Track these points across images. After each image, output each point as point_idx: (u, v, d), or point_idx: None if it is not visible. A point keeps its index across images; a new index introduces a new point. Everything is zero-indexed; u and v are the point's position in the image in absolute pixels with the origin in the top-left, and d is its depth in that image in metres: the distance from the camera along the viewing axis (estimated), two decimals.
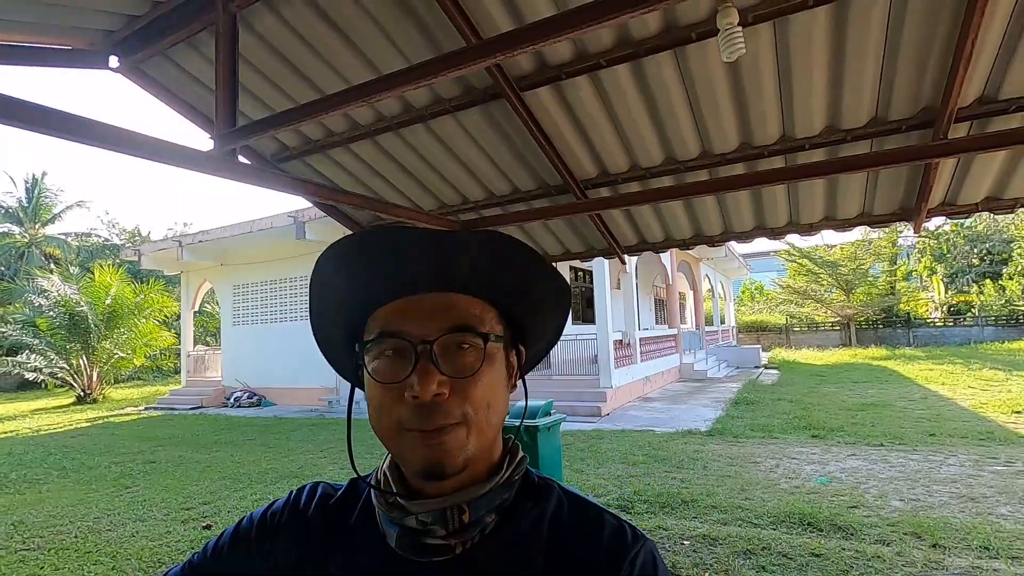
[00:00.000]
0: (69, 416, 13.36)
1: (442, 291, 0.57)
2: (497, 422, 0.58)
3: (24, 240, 28.96)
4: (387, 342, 0.56)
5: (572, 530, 0.58)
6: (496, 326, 0.59)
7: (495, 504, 0.58)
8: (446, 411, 0.53)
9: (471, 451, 0.55)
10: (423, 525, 0.56)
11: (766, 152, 3.10)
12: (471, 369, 0.54)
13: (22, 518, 5.09)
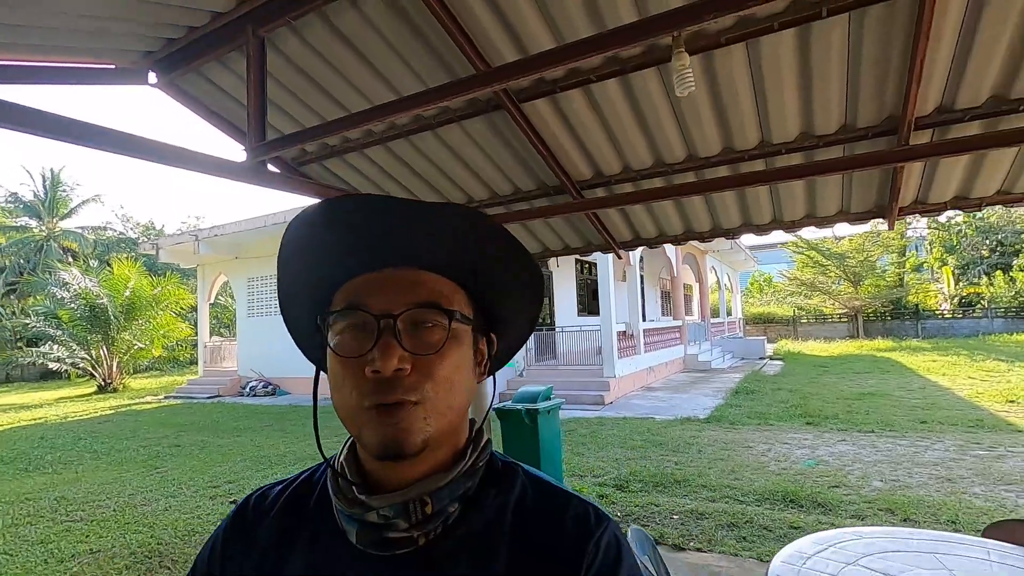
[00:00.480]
0: (92, 404, 13.88)
1: (411, 267, 0.56)
2: (459, 405, 0.56)
3: (42, 234, 29.63)
4: (350, 315, 0.54)
5: (536, 516, 0.57)
6: (466, 307, 0.58)
7: (458, 493, 0.56)
8: (407, 386, 0.52)
9: (430, 432, 0.53)
10: (384, 519, 0.54)
11: (747, 156, 3.37)
12: (435, 346, 0.53)
13: (63, 494, 5.51)
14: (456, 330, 0.55)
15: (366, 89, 3.09)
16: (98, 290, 17.16)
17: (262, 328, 15.16)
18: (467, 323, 0.57)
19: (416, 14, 2.65)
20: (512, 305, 0.63)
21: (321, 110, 3.28)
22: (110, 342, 17.33)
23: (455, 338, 0.55)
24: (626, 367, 11.35)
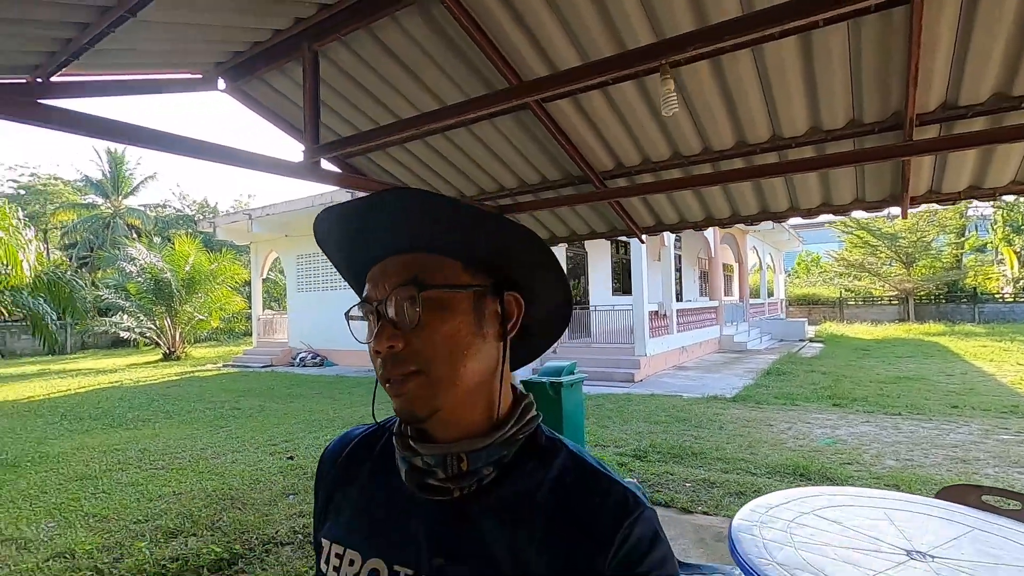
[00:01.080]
0: (160, 370, 15.11)
1: (401, 253, 0.60)
2: (472, 369, 0.59)
3: (109, 211, 31.64)
4: (363, 307, 0.61)
5: (574, 492, 0.59)
6: (460, 276, 0.59)
7: (494, 458, 0.60)
8: (405, 360, 0.57)
9: (440, 400, 0.57)
10: (427, 466, 0.60)
11: (759, 149, 3.57)
12: (414, 320, 0.56)
13: (145, 447, 6.28)
14: (438, 300, 0.57)
15: (410, 95, 3.45)
16: (162, 265, 18.43)
17: (310, 303, 16.04)
18: (457, 290, 0.58)
19: (452, 31, 2.98)
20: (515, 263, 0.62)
21: (370, 113, 3.67)
22: (173, 313, 18.66)
23: (440, 308, 0.57)
24: (657, 346, 11.56)
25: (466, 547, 0.58)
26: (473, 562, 0.57)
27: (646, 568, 0.55)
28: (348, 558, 0.62)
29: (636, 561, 0.55)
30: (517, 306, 0.63)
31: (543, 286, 0.65)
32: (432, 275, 0.58)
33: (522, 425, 0.63)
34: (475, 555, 0.57)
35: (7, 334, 22.92)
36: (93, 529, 3.92)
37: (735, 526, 1.93)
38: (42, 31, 2.43)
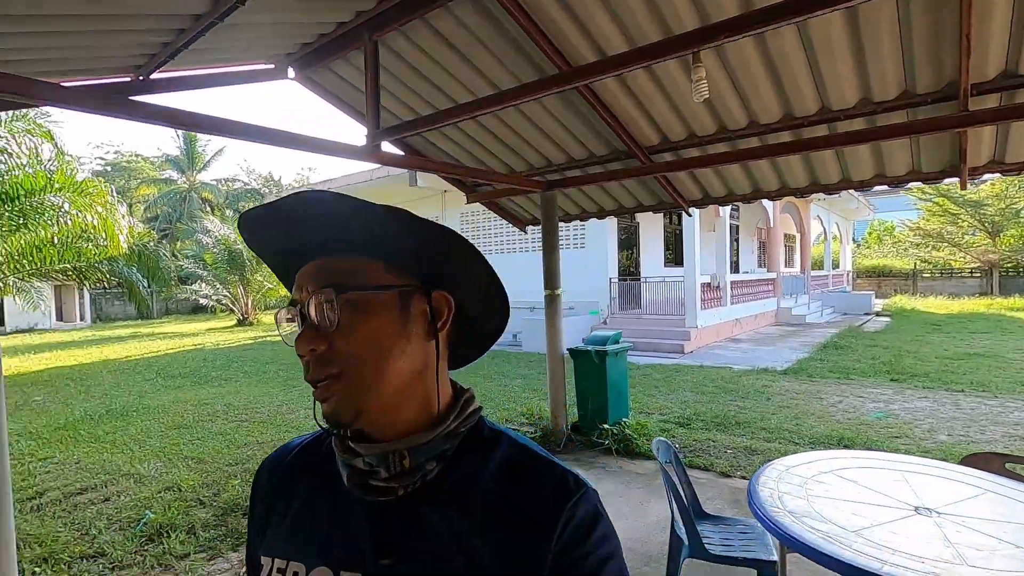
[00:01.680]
0: (235, 335, 16.35)
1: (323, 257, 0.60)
2: (398, 369, 0.59)
3: (184, 186, 33.76)
4: (289, 310, 0.61)
5: (515, 478, 0.60)
6: (380, 277, 0.59)
7: (436, 452, 0.60)
8: (327, 362, 0.56)
9: (364, 402, 0.57)
10: (369, 467, 0.60)
11: (806, 122, 3.56)
12: (333, 322, 0.56)
13: (229, 402, 7.01)
14: (359, 301, 0.57)
15: (464, 79, 3.66)
16: (234, 236, 19.67)
17: None
18: (380, 291, 0.58)
19: (503, 18, 3.15)
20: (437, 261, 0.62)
21: (427, 97, 3.91)
22: (245, 282, 19.99)
23: (361, 310, 0.57)
24: (709, 318, 11.47)
25: (413, 544, 0.58)
26: (421, 559, 0.57)
27: (590, 547, 0.56)
28: (292, 570, 0.61)
29: (580, 540, 0.56)
30: (447, 304, 0.63)
31: (470, 280, 0.64)
32: (351, 277, 0.58)
33: (463, 419, 0.63)
34: (423, 551, 0.57)
35: (103, 300, 25.21)
36: (193, 469, 4.53)
37: (754, 480, 2.12)
38: (147, 37, 2.80)
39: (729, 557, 2.20)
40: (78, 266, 11.07)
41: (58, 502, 3.92)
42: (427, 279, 0.62)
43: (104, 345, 14.26)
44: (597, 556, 0.56)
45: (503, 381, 7.93)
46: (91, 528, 3.46)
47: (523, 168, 4.98)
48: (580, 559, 0.56)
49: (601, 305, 12.27)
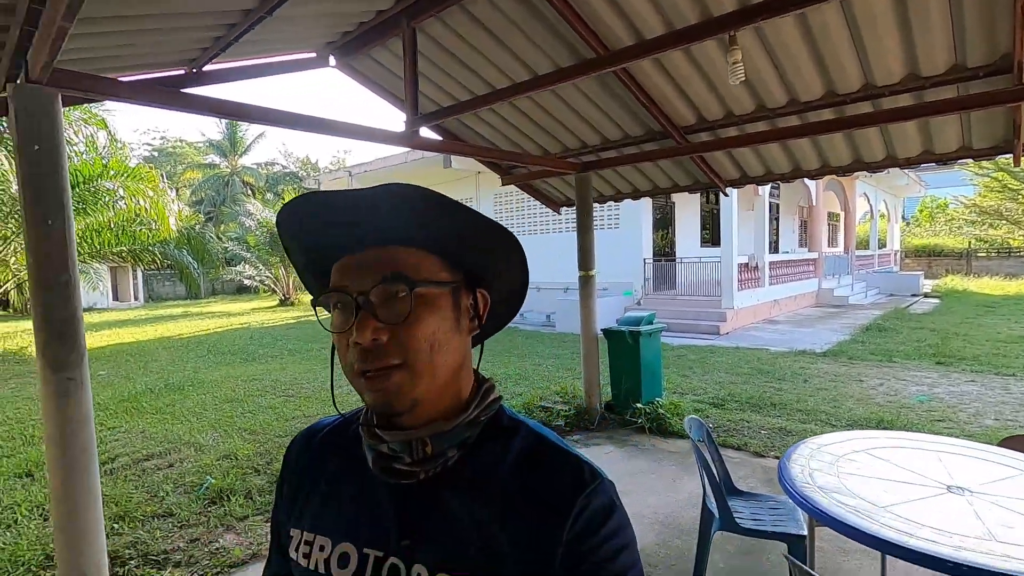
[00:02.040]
0: (279, 314, 16.97)
1: (382, 245, 0.60)
2: (446, 363, 0.61)
3: (227, 170, 34.77)
4: (334, 296, 0.61)
5: (532, 467, 0.61)
6: (439, 272, 0.61)
7: (457, 440, 0.62)
8: (388, 353, 0.57)
9: (418, 393, 0.59)
10: (393, 452, 0.62)
11: (849, 99, 3.47)
12: (403, 314, 0.57)
13: (276, 378, 7.37)
14: (424, 296, 0.59)
15: (500, 64, 3.71)
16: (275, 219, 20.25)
17: None
18: (440, 287, 0.61)
19: (539, 2, 3.17)
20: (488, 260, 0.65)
21: (464, 82, 3.98)
22: (286, 264, 20.60)
23: (425, 304, 0.59)
24: (746, 299, 11.30)
25: (433, 527, 0.60)
26: (440, 541, 0.59)
27: (603, 537, 0.57)
28: (318, 544, 0.64)
29: (594, 530, 0.57)
30: (484, 301, 0.66)
31: (507, 275, 0.68)
32: (417, 270, 0.60)
33: (483, 408, 0.65)
34: (442, 534, 0.59)
35: (155, 280, 26.44)
36: (246, 439, 4.83)
37: (785, 457, 2.17)
38: (201, 32, 2.95)
39: (759, 531, 2.27)
40: (133, 249, 11.67)
41: (128, 467, 4.26)
42: (471, 276, 0.65)
43: (158, 324, 15.05)
44: (610, 546, 0.57)
45: (537, 360, 8.05)
46: (159, 491, 3.76)
47: (558, 150, 5.00)
48: (593, 549, 0.56)
49: (635, 286, 12.21)
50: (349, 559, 0.62)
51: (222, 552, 2.98)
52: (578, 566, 0.56)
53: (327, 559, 0.63)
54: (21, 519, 3.40)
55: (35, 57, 2.06)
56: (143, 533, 3.17)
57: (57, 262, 2.17)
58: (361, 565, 0.61)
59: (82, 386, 2.24)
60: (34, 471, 4.19)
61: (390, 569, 0.60)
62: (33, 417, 5.74)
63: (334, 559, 0.63)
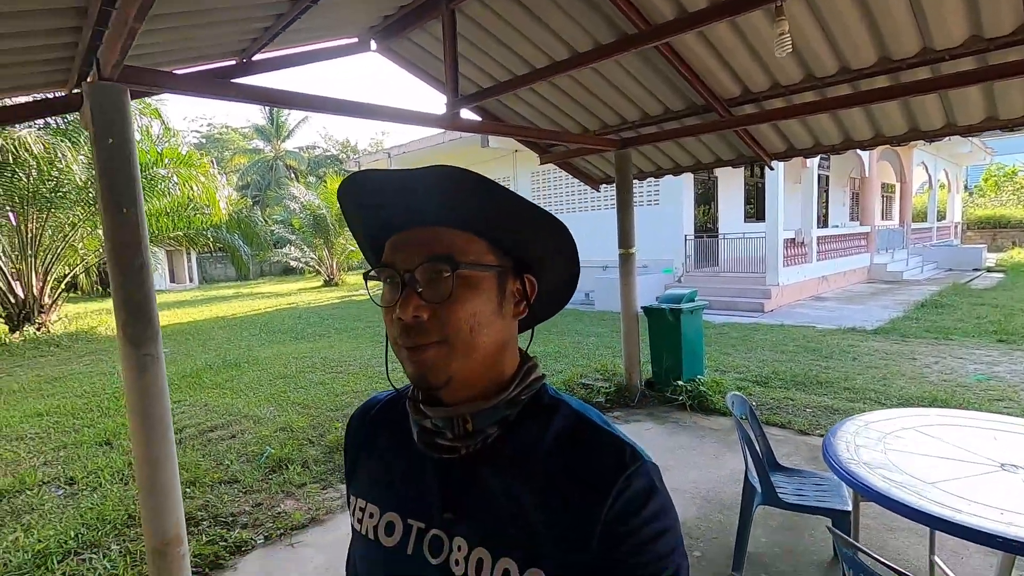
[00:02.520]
0: (323, 295, 17.52)
1: (430, 225, 0.62)
2: (486, 343, 0.62)
3: (271, 155, 35.72)
4: (384, 271, 0.63)
5: (572, 446, 0.62)
6: (485, 256, 0.63)
7: (497, 418, 0.63)
8: (426, 331, 0.59)
9: (454, 369, 0.61)
10: (436, 427, 0.64)
11: (905, 65, 3.31)
12: (444, 294, 0.59)
13: (324, 355, 7.68)
14: (468, 277, 0.60)
15: (539, 42, 3.70)
16: (318, 202, 20.80)
17: None
18: (485, 269, 0.62)
19: None
20: (537, 248, 0.66)
21: (503, 61, 3.99)
22: (330, 245, 21.18)
23: (468, 285, 0.60)
24: (792, 275, 10.98)
25: (473, 503, 0.62)
26: (480, 517, 0.61)
27: (643, 520, 0.56)
28: (369, 511, 0.69)
29: (633, 512, 0.56)
30: (532, 287, 0.67)
31: (557, 266, 0.69)
32: (463, 252, 0.61)
33: (525, 386, 0.66)
34: (481, 510, 0.61)
35: (207, 263, 27.64)
36: (300, 413, 5.09)
37: (831, 432, 2.17)
38: (251, 24, 3.06)
39: (802, 506, 2.28)
40: (188, 233, 12.23)
41: (195, 437, 4.57)
42: (520, 262, 0.66)
43: (213, 304, 15.80)
44: (650, 529, 0.56)
45: (577, 338, 8.10)
46: (224, 459, 4.03)
47: (597, 126, 4.96)
48: (632, 531, 0.56)
49: (675, 263, 12.03)
50: (395, 528, 0.66)
51: (284, 516, 3.20)
52: (616, 547, 0.56)
53: (375, 526, 0.67)
54: (104, 483, 3.72)
55: (106, 55, 2.21)
56: (212, 497, 3.43)
57: (132, 247, 2.34)
58: (405, 534, 0.65)
59: (157, 361, 2.43)
60: (112, 440, 4.56)
61: (432, 540, 0.63)
62: (107, 391, 6.20)
63: (381, 527, 0.67)
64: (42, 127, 8.94)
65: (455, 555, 0.61)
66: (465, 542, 0.61)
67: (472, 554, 0.60)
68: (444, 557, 0.61)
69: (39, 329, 10.01)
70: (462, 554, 0.60)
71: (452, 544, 0.61)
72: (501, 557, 0.58)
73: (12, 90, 3.23)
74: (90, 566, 2.73)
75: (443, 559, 0.61)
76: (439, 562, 0.61)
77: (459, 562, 0.60)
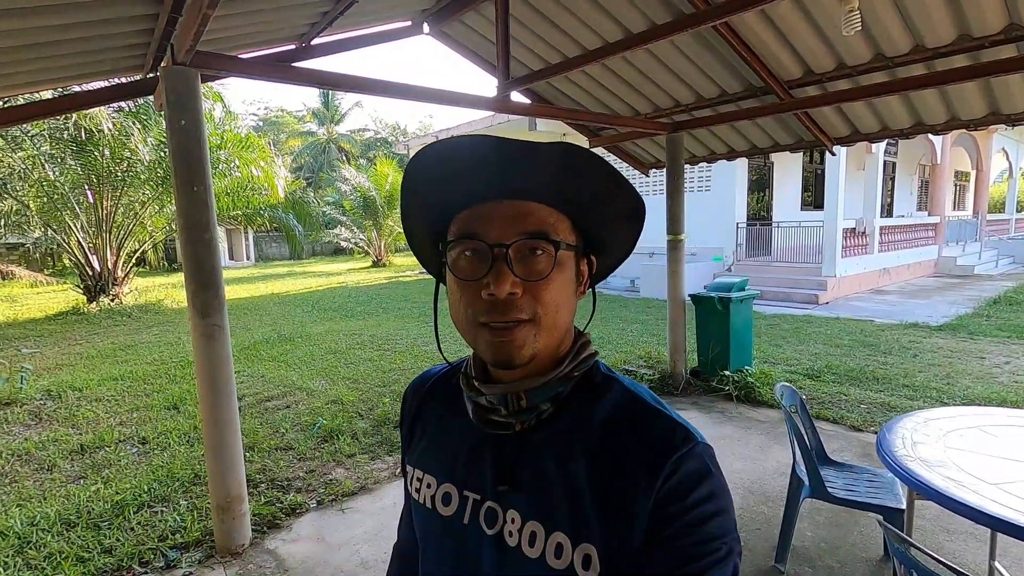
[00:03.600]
0: (372, 275, 17.98)
1: (520, 199, 0.60)
2: (564, 323, 0.63)
3: (323, 137, 36.63)
4: (467, 243, 0.60)
5: (623, 425, 0.61)
6: (569, 235, 0.62)
7: (550, 395, 0.64)
8: (519, 308, 0.59)
9: (538, 346, 0.60)
10: (490, 404, 0.65)
11: (987, 43, 3.09)
12: (543, 273, 0.58)
13: (373, 333, 7.92)
14: (561, 257, 0.60)
15: (593, 23, 3.65)
16: (368, 184, 21.25)
17: None
18: (571, 250, 0.62)
19: None
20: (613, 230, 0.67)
21: (555, 43, 3.96)
22: (379, 227, 21.66)
23: (560, 264, 0.60)
24: (850, 267, 10.49)
25: (526, 476, 0.62)
26: (532, 490, 0.61)
27: (694, 501, 0.55)
28: (427, 482, 0.71)
29: (684, 493, 0.55)
30: (593, 267, 0.69)
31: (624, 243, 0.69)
32: (556, 231, 0.60)
33: (578, 363, 0.65)
34: (534, 484, 0.62)
35: (263, 242, 28.79)
36: (350, 387, 5.30)
37: (886, 427, 2.10)
38: (311, 9, 3.15)
39: (851, 501, 2.22)
40: (246, 212, 12.78)
41: (253, 406, 4.84)
42: (588, 241, 0.66)
43: (268, 281, 16.50)
44: (702, 511, 0.55)
45: (621, 325, 8.04)
46: (279, 427, 4.26)
47: (648, 109, 4.86)
48: (682, 511, 0.54)
49: (726, 251, 11.69)
50: (451, 499, 0.67)
51: (335, 483, 3.36)
52: (666, 527, 0.55)
53: (433, 496, 0.69)
54: (173, 444, 4.00)
55: (180, 41, 2.33)
56: (269, 462, 3.64)
57: (201, 223, 2.49)
58: (461, 505, 0.66)
59: (223, 330, 2.59)
60: (179, 405, 4.88)
61: (487, 511, 0.64)
62: (174, 359, 6.62)
63: (439, 497, 0.68)
64: (116, 110, 9.48)
65: (509, 526, 0.62)
66: (518, 515, 0.62)
67: (525, 527, 0.61)
68: (499, 528, 0.63)
69: (113, 300, 10.73)
70: (515, 526, 0.61)
71: (506, 516, 0.62)
72: (553, 532, 0.59)
73: (93, 75, 3.45)
74: (161, 518, 2.97)
75: (498, 530, 0.63)
76: (494, 532, 0.63)
77: (512, 533, 0.62)
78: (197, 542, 2.76)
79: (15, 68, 2.83)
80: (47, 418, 4.67)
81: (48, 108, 2.97)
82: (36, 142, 9.37)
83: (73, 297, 11.20)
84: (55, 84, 3.37)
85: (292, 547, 2.75)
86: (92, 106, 6.93)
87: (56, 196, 9.77)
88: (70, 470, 3.64)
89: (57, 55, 2.78)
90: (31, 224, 11.18)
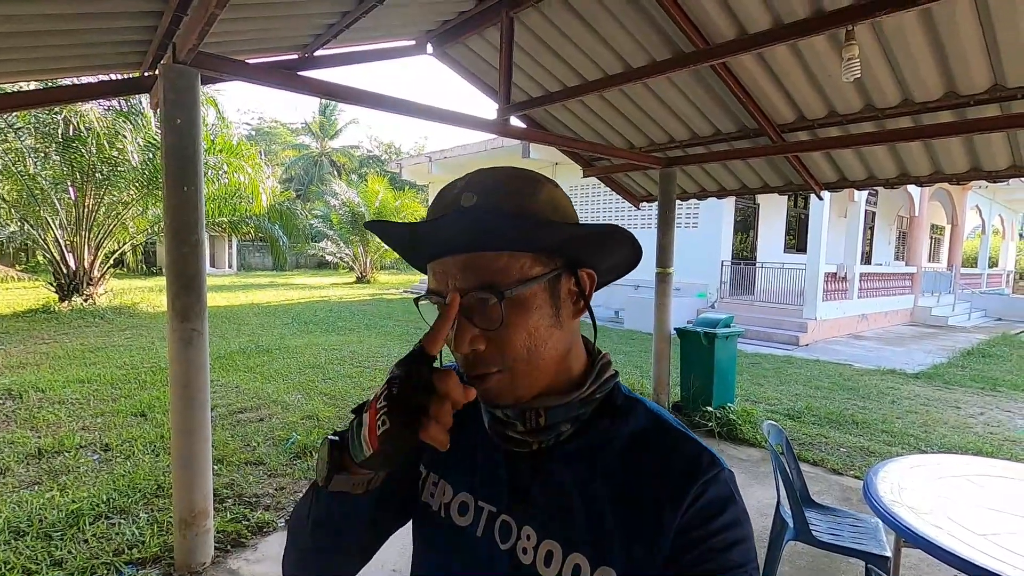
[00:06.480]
0: (355, 290, 17.81)
1: (466, 252, 0.58)
2: (549, 357, 0.60)
3: (316, 151, 36.67)
4: (432, 298, 0.60)
5: (650, 450, 0.60)
6: (532, 269, 0.58)
7: (571, 415, 0.62)
8: (486, 362, 0.58)
9: (520, 392, 0.59)
10: (507, 418, 0.63)
11: (973, 101, 3.21)
12: (496, 323, 0.56)
13: (354, 350, 7.78)
14: (516, 299, 0.57)
15: (594, 55, 3.72)
16: (357, 200, 21.22)
17: None
18: (533, 283, 0.58)
19: None
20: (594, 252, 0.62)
21: (556, 72, 4.02)
22: (365, 243, 21.55)
23: (518, 306, 0.57)
24: (831, 311, 10.66)
25: (543, 495, 0.61)
26: (549, 509, 0.60)
27: (716, 528, 0.54)
28: (442, 488, 0.69)
29: (706, 520, 0.55)
30: (590, 280, 0.64)
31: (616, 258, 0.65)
32: (505, 275, 0.57)
33: (599, 384, 0.64)
34: (551, 503, 0.60)
35: (246, 251, 28.44)
36: (327, 403, 5.17)
37: (872, 471, 2.09)
38: (317, 20, 3.16)
39: (836, 546, 2.19)
40: (232, 220, 12.62)
41: (225, 417, 4.68)
42: (572, 260, 0.62)
43: (249, 291, 16.22)
44: (723, 539, 0.54)
45: None
46: (251, 441, 4.11)
47: (643, 143, 4.94)
48: (702, 540, 0.54)
49: (710, 288, 11.83)
50: (468, 509, 0.66)
51: None
52: (687, 553, 0.54)
53: (448, 504, 0.68)
54: (137, 452, 3.83)
55: (183, 39, 2.30)
56: (238, 476, 3.50)
57: (189, 224, 2.43)
58: (477, 516, 0.65)
59: (202, 336, 2.51)
60: (147, 412, 4.70)
61: (502, 524, 0.63)
62: (145, 365, 6.41)
63: (455, 506, 0.67)
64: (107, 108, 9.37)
65: (523, 543, 0.61)
66: (534, 532, 0.60)
67: (541, 545, 0.60)
68: (512, 543, 0.61)
69: (86, 300, 10.43)
70: (531, 543, 0.60)
71: (520, 532, 0.61)
72: (572, 552, 0.58)
73: (89, 69, 3.40)
74: (119, 530, 2.81)
75: (511, 545, 0.61)
76: (507, 547, 0.62)
77: (527, 551, 0.60)
78: (155, 558, 2.61)
79: (9, 55, 2.77)
80: (5, 418, 4.46)
81: (42, 98, 2.91)
82: (20, 135, 9.19)
83: (45, 295, 10.87)
84: (50, 75, 3.31)
85: (256, 568, 2.62)
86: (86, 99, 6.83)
87: (36, 191, 9.55)
88: (24, 475, 3.45)
89: (55, 45, 2.73)
90: (7, 218, 10.89)
